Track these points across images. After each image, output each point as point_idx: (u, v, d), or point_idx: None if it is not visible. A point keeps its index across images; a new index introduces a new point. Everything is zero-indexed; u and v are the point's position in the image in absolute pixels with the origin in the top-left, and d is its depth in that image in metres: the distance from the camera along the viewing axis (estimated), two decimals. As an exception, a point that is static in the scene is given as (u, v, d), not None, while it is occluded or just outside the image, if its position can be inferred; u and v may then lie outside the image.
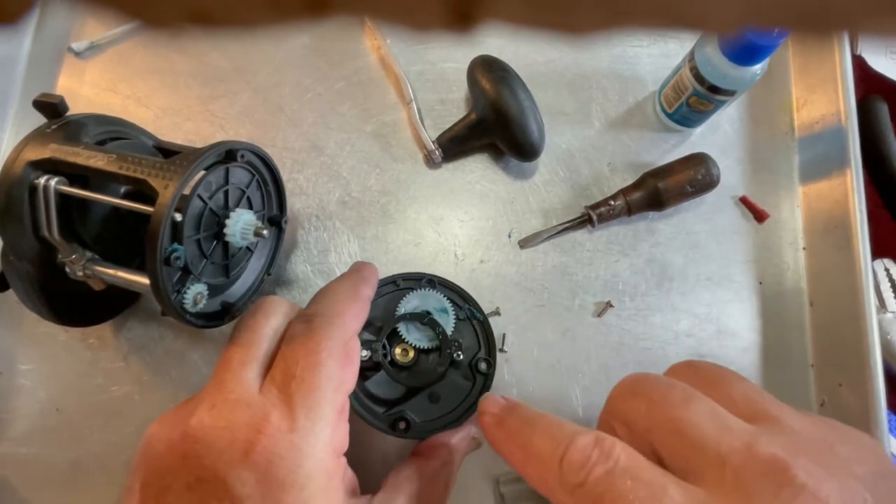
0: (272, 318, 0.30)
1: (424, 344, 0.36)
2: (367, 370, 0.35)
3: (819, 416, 0.23)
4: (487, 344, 0.37)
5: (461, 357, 0.35)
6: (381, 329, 0.36)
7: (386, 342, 0.35)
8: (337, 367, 0.27)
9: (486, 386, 0.36)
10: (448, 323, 0.36)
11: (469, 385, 0.36)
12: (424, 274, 0.38)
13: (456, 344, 0.36)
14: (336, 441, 0.27)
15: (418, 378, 0.35)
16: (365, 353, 0.34)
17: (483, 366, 0.36)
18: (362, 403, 0.35)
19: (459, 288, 0.38)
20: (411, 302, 0.37)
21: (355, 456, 0.40)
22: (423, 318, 0.35)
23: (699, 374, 0.26)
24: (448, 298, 0.37)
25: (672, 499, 0.19)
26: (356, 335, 0.30)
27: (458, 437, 0.35)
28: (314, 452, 0.25)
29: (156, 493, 0.25)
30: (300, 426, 0.25)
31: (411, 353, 0.36)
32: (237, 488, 0.24)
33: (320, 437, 0.25)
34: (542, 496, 0.38)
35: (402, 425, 0.34)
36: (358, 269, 0.35)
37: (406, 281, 0.38)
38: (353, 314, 0.31)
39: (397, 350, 0.35)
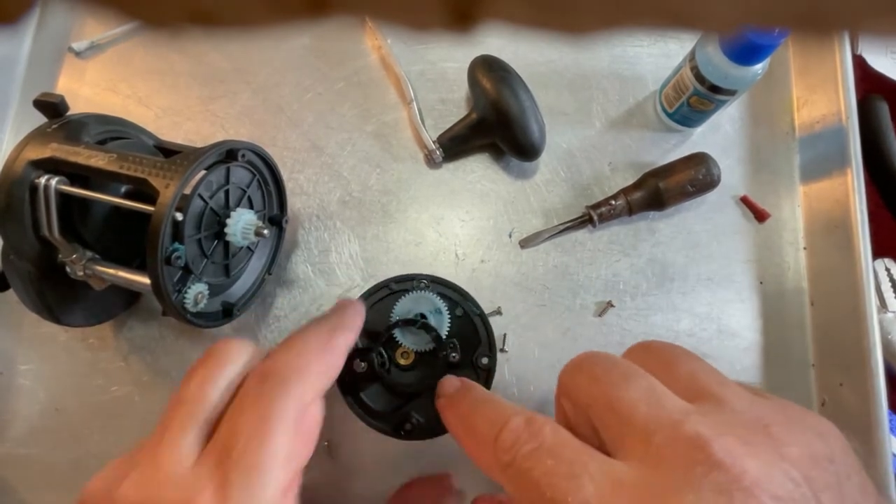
0: (227, 368, 0.26)
1: (422, 347, 0.35)
2: (364, 381, 0.36)
3: (774, 398, 0.22)
4: (488, 338, 0.37)
5: (457, 358, 0.36)
6: (377, 336, 0.35)
7: (383, 350, 0.35)
8: (287, 442, 0.24)
9: (489, 381, 0.36)
10: (443, 323, 0.36)
11: (472, 380, 0.36)
12: (416, 275, 0.38)
13: (451, 345, 0.35)
14: None
15: (417, 382, 0.35)
16: (363, 365, 0.34)
17: (484, 360, 0.36)
18: (365, 407, 0.35)
19: (454, 285, 0.38)
20: (405, 305, 0.36)
21: (351, 460, 0.40)
22: (416, 324, 0.35)
23: (651, 354, 0.25)
24: (443, 297, 0.37)
25: (590, 475, 0.19)
26: (321, 396, 0.27)
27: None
28: None
29: None
30: None
31: (411, 357, 0.36)
32: None
33: None
34: None
35: (407, 427, 0.34)
36: (339, 311, 0.31)
37: (399, 283, 0.37)
38: (320, 371, 0.27)
39: (398, 355, 0.35)
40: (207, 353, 0.26)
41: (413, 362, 0.36)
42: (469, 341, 0.37)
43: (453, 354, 0.35)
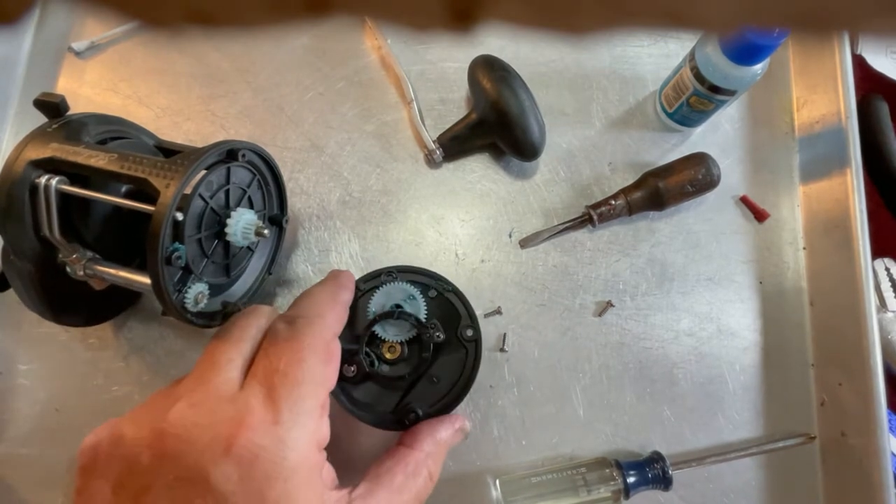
0: (257, 318, 0.30)
1: (405, 336, 0.36)
2: (358, 383, 0.36)
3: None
4: (467, 311, 0.37)
5: (442, 338, 0.36)
6: (359, 338, 0.36)
7: (368, 350, 0.36)
8: (319, 364, 0.28)
9: (478, 351, 0.36)
10: (419, 308, 0.36)
11: (462, 355, 0.37)
12: (381, 269, 0.38)
13: (433, 325, 0.36)
14: (319, 435, 0.27)
15: (410, 371, 0.36)
16: (352, 369, 0.35)
17: (469, 332, 0.37)
18: (366, 409, 0.35)
19: (421, 269, 0.38)
20: (378, 301, 0.37)
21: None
22: (394, 315, 0.36)
23: None
24: (414, 283, 0.37)
25: None
26: (337, 337, 0.31)
27: (444, 430, 0.34)
28: (298, 445, 0.25)
29: (134, 495, 0.24)
30: (284, 419, 0.25)
31: (398, 349, 0.36)
32: (220, 485, 0.23)
33: (304, 431, 0.25)
34: (540, 493, 0.38)
35: (411, 418, 0.35)
36: (335, 276, 0.35)
37: (367, 282, 0.38)
38: (334, 316, 0.31)
39: (385, 350, 0.36)
40: (239, 314, 0.31)
41: (400, 354, 0.36)
42: (449, 319, 0.37)
43: (437, 334, 0.36)
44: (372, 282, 0.38)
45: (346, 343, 0.35)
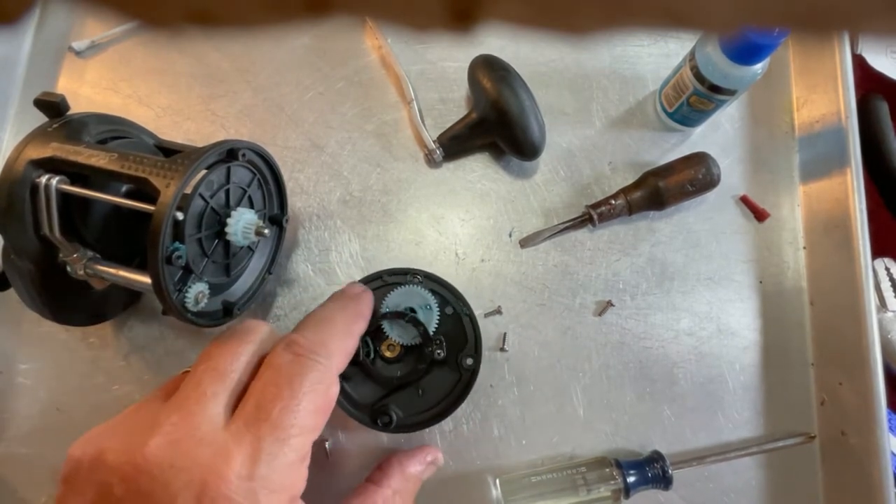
0: (251, 345, 0.28)
1: (408, 341, 0.36)
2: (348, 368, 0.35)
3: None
4: (475, 340, 0.37)
5: (442, 356, 0.36)
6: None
7: (369, 340, 0.35)
8: (313, 414, 0.26)
9: (471, 381, 0.36)
10: (431, 319, 0.36)
11: (455, 379, 0.36)
12: (411, 269, 0.38)
13: (438, 342, 0.36)
14: (294, 490, 0.25)
15: (401, 375, 0.36)
16: None
17: (469, 361, 0.36)
18: (346, 396, 0.35)
19: (448, 284, 0.38)
20: (396, 298, 0.36)
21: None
22: (405, 317, 0.35)
23: None
24: (435, 293, 0.37)
25: None
26: (338, 376, 0.29)
27: (414, 465, 0.34)
28: (270, 502, 0.24)
29: None
30: (261, 475, 0.24)
31: (397, 350, 0.36)
32: None
33: (279, 486, 0.24)
34: (540, 492, 0.38)
35: (385, 419, 0.34)
36: (355, 299, 0.33)
37: (392, 276, 0.37)
38: (343, 353, 0.29)
39: (384, 347, 0.36)
40: (234, 330, 0.29)
41: (398, 355, 0.36)
42: (455, 340, 0.37)
43: (438, 351, 0.36)
44: (397, 277, 0.37)
45: None
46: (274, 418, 0.25)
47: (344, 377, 0.35)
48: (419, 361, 0.35)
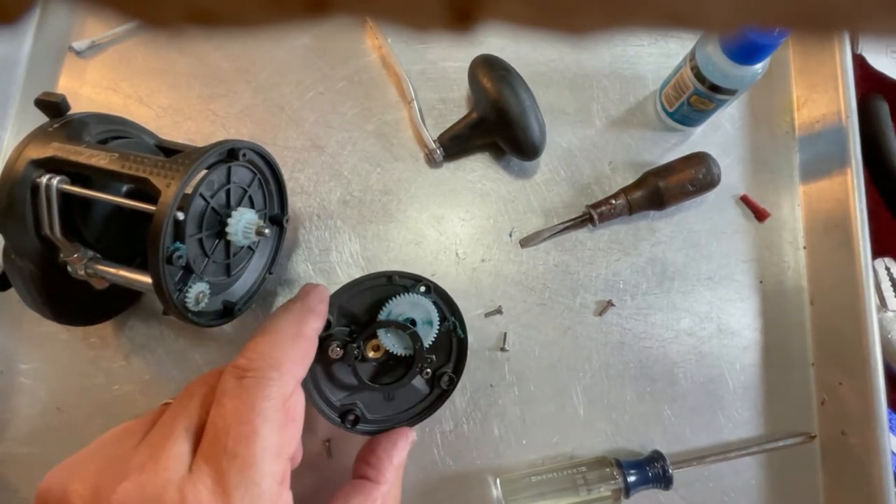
0: (210, 376, 0.27)
1: (399, 351, 0.35)
2: (333, 362, 0.35)
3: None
4: (458, 362, 0.36)
5: (429, 375, 0.36)
6: (355, 319, 0.35)
7: (362, 342, 0.35)
8: (275, 432, 0.24)
9: (441, 400, 0.36)
10: (429, 335, 0.35)
11: (426, 392, 0.36)
12: (423, 277, 0.36)
13: (429, 360, 0.35)
14: None
15: (380, 378, 0.35)
16: (339, 351, 0.34)
17: (445, 381, 0.36)
18: (316, 387, 0.35)
19: (452, 300, 0.37)
20: (400, 306, 0.35)
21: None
22: (406, 330, 0.35)
23: None
24: (436, 306, 0.36)
25: None
26: (299, 384, 0.27)
27: (400, 453, 0.33)
28: None
29: None
30: None
31: (381, 352, 0.35)
32: None
33: None
34: (540, 492, 0.38)
35: (350, 418, 0.34)
36: (304, 297, 0.31)
37: (402, 279, 0.36)
38: (296, 360, 0.27)
39: (369, 347, 0.35)
40: (215, 369, 0.28)
41: (381, 359, 0.35)
42: (439, 355, 0.37)
43: (427, 370, 0.35)
44: (405, 280, 0.36)
45: (339, 319, 0.35)
46: (231, 449, 0.23)
47: (316, 362, 0.34)
48: (399, 372, 0.35)
